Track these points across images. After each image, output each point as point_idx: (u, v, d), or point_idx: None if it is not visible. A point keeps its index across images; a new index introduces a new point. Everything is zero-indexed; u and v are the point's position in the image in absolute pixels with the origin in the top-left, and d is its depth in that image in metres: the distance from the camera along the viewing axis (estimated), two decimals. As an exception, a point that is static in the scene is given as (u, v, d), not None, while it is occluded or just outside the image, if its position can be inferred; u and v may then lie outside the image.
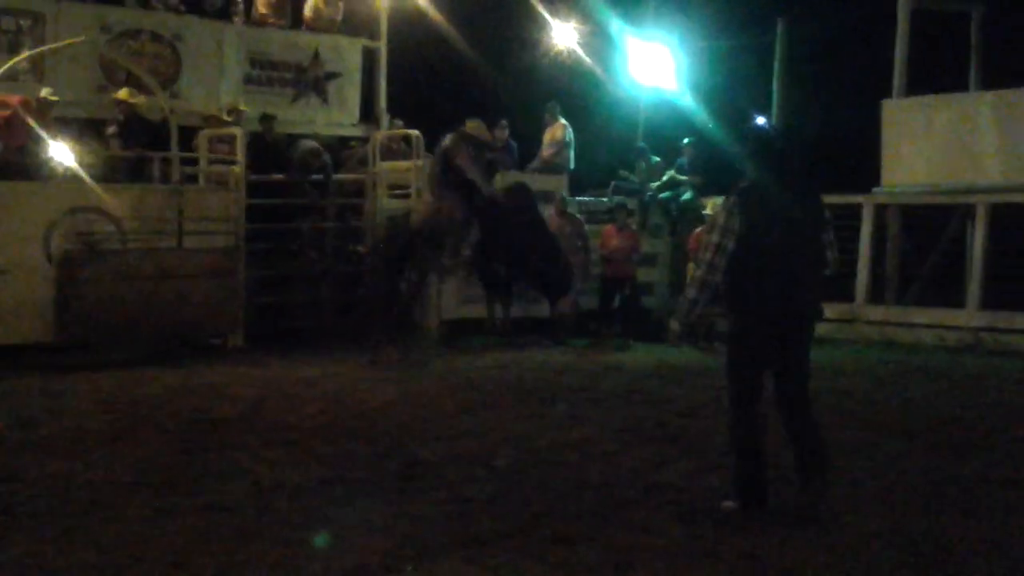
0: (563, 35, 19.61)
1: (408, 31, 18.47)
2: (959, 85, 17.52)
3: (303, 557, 5.42)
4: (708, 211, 15.98)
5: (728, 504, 6.23)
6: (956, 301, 15.59)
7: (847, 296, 16.10)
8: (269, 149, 15.44)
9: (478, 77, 21.03)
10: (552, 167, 17.59)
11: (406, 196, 15.78)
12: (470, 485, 6.93)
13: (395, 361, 12.87)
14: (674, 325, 6.38)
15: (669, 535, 5.83)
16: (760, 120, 21.12)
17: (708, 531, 5.89)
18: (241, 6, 16.40)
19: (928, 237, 17.16)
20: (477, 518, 6.13)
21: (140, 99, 14.46)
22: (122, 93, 14.37)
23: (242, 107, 15.42)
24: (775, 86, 19.08)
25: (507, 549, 5.55)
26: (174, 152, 14.07)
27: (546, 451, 8.04)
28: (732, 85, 20.39)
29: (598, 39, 19.65)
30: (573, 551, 5.53)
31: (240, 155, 14.39)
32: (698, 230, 15.60)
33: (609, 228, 16.36)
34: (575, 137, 18.08)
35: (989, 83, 17.01)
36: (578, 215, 16.55)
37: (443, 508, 6.34)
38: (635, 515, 6.24)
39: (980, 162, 15.91)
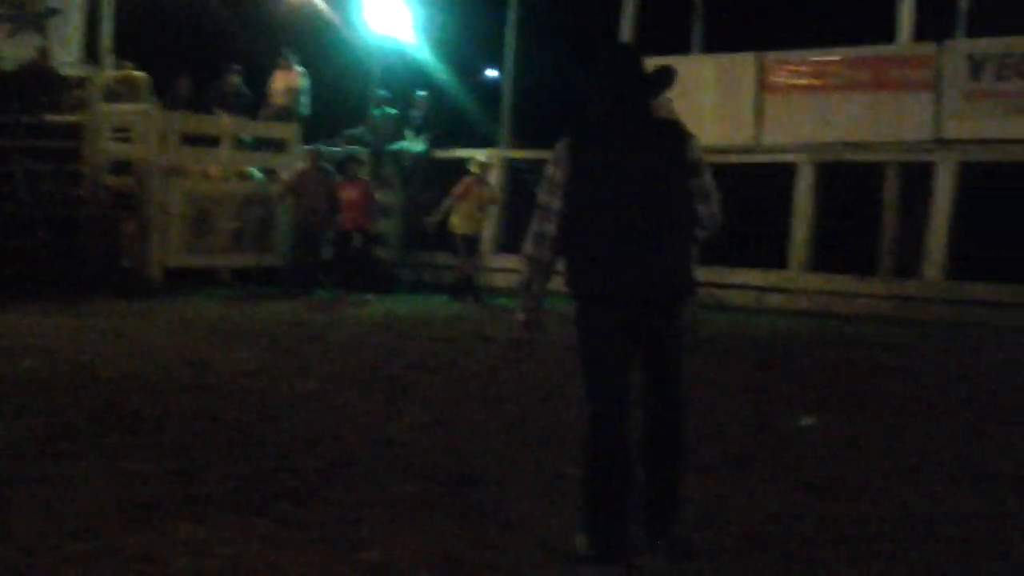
0: (298, -20, 19.24)
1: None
2: (683, 48, 18.04)
3: (20, 520, 5.15)
4: (475, 168, 15.99)
5: (578, 542, 4.73)
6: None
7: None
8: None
9: (211, 21, 20.38)
10: (286, 114, 17.28)
11: (129, 141, 15.23)
12: (195, 441, 6.74)
13: (115, 311, 12.42)
14: (518, 316, 4.88)
15: (398, 490, 5.80)
16: (490, 71, 21.31)
17: (438, 486, 5.90)
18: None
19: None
20: (202, 475, 5.95)
21: None
22: None
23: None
24: (507, 39, 19.18)
25: (233, 507, 5.41)
26: None
27: (275, 405, 7.91)
28: (466, 36, 20.41)
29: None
30: (301, 508, 5.43)
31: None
32: (467, 179, 15.67)
33: (340, 180, 16.24)
34: (310, 85, 17.84)
35: (710, 47, 17.58)
36: (329, 168, 16.40)
37: (166, 465, 6.13)
38: (365, 471, 6.17)
39: (700, 125, 16.42)
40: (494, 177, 17.59)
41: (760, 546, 5.02)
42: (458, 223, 15.75)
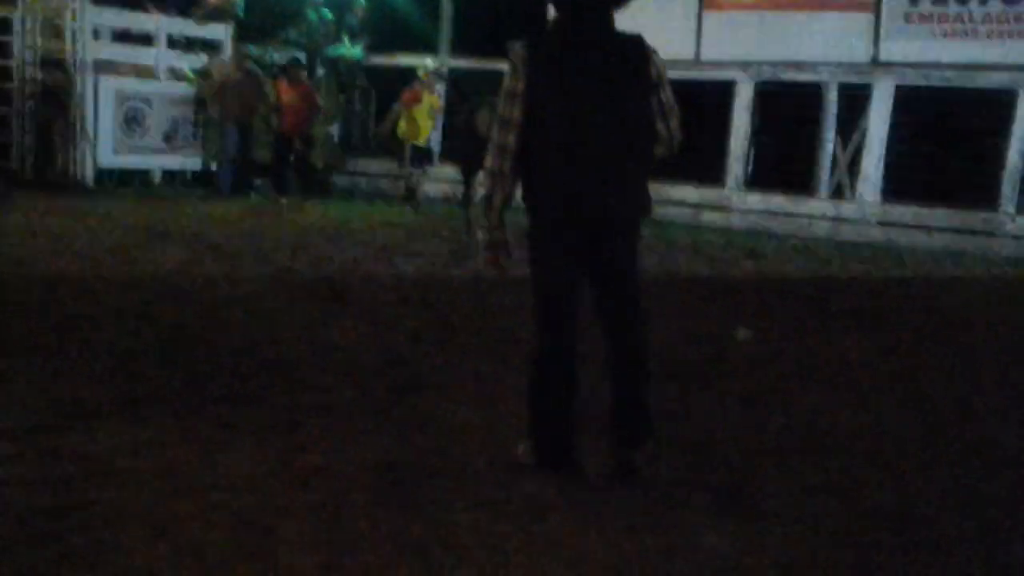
0: None
1: None
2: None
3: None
4: (423, 75, 15.71)
5: (521, 450, 4.78)
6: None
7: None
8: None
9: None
10: (220, 15, 16.92)
11: (60, 37, 14.86)
12: (130, 341, 6.66)
13: (46, 209, 12.20)
14: (480, 235, 4.76)
15: (338, 395, 5.78)
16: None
17: (378, 391, 5.89)
18: None
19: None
20: (141, 377, 5.88)
21: None
22: None
23: None
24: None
25: (173, 409, 5.35)
26: None
27: (212, 306, 7.83)
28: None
29: None
30: (239, 410, 5.38)
31: None
32: (416, 86, 15.38)
33: (283, 83, 15.93)
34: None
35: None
36: (257, 69, 16.09)
37: (102, 365, 6.06)
38: (303, 375, 6.13)
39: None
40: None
41: (703, 458, 5.08)
42: (406, 131, 15.46)
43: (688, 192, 15.67)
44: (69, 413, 5.19)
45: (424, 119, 15.47)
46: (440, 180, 16.28)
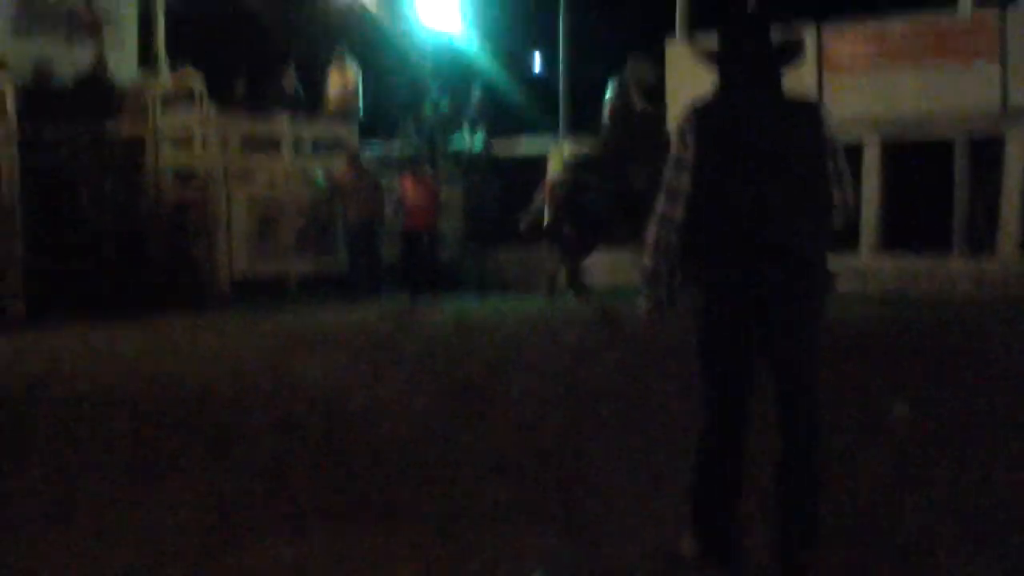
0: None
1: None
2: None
3: (114, 546, 5.11)
4: (555, 168, 15.69)
5: (685, 545, 4.55)
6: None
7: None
8: (47, 100, 14.65)
9: (262, 20, 20.38)
10: (342, 114, 17.24)
11: (190, 148, 15.29)
12: (282, 454, 6.70)
13: (186, 324, 12.45)
14: (641, 304, 4.49)
15: (492, 499, 5.72)
16: (536, 65, 21.17)
17: (532, 494, 5.80)
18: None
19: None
20: (297, 491, 5.90)
21: None
22: None
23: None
24: (561, 26, 19.06)
25: (330, 523, 5.36)
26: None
27: (356, 414, 7.85)
28: (517, 25, 20.31)
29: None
30: (395, 520, 5.36)
31: (10, 108, 13.61)
32: (549, 177, 15.33)
33: (406, 179, 16.05)
34: (363, 83, 17.81)
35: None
36: (366, 167, 16.27)
37: (256, 480, 6.09)
38: (455, 478, 6.09)
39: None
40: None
41: (870, 542, 4.89)
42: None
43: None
44: (230, 532, 5.22)
45: None
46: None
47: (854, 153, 15.36)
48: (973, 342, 10.80)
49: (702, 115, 4.34)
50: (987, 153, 14.75)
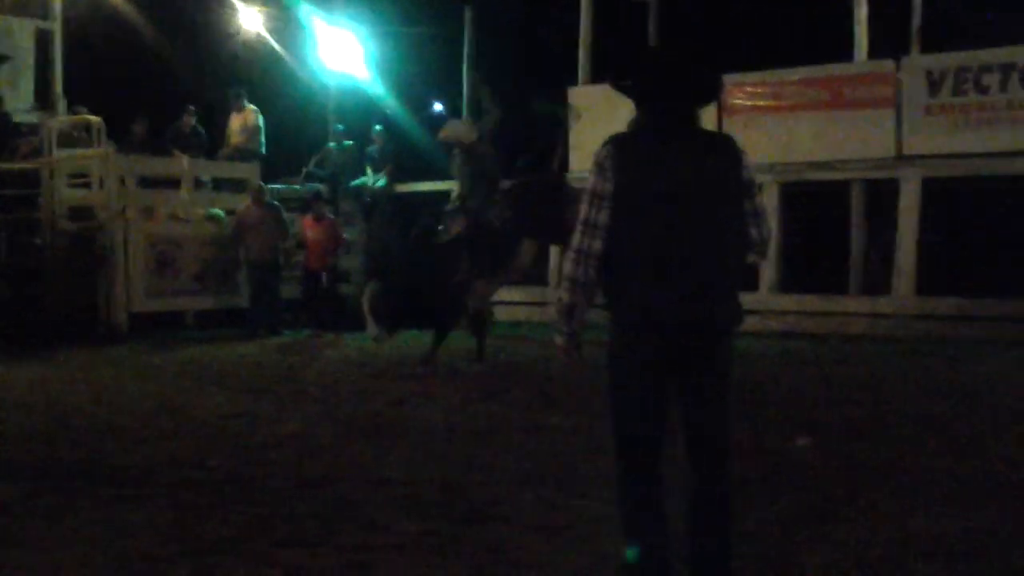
0: (250, 19, 19.16)
1: (86, 13, 17.57)
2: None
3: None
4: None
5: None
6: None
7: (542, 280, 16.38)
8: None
9: (162, 61, 20.22)
10: (244, 154, 17.13)
11: (87, 186, 15.05)
12: (187, 489, 6.57)
13: (84, 360, 12.20)
14: (558, 340, 4.42)
15: (403, 531, 5.65)
16: (437, 106, 21.29)
17: (443, 525, 5.76)
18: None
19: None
20: (200, 525, 5.78)
21: None
22: None
23: None
24: (465, 73, 19.20)
25: (237, 557, 5.25)
26: None
27: (261, 448, 7.74)
28: (421, 72, 20.40)
29: (285, 23, 19.28)
30: (307, 553, 5.29)
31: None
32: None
33: (307, 219, 16.04)
34: (265, 123, 17.72)
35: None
36: (275, 203, 16.15)
37: (162, 516, 5.96)
38: (363, 512, 6.01)
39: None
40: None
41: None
42: None
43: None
44: (133, 566, 5.09)
45: None
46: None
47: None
48: (870, 374, 10.98)
49: (622, 149, 4.25)
50: (883, 198, 15.08)
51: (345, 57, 19.23)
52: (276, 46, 19.38)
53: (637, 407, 4.28)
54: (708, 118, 15.59)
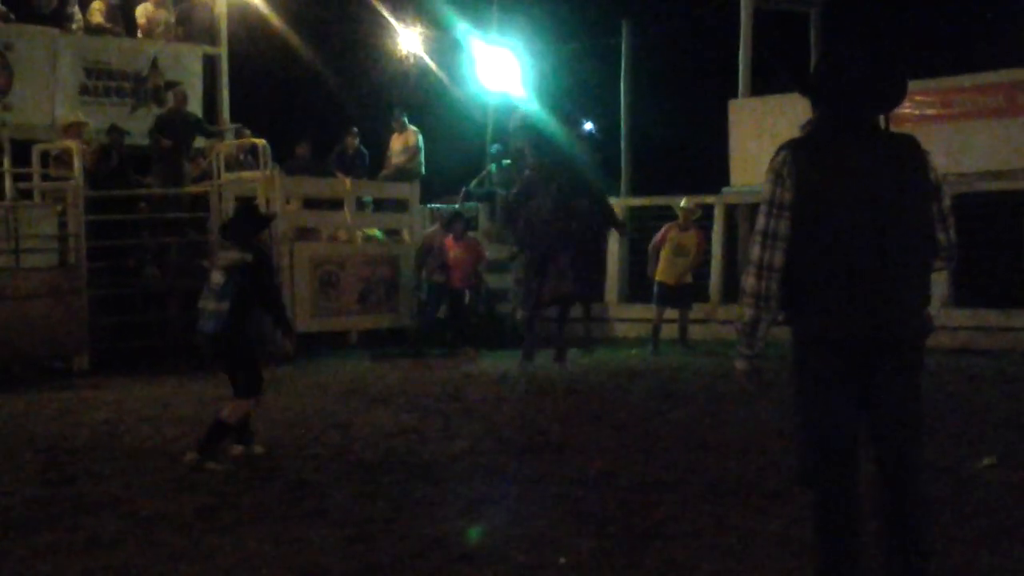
0: (409, 41, 19.38)
1: (250, 38, 17.98)
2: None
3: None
4: (682, 214, 15.39)
5: None
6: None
7: (702, 296, 16.14)
8: (117, 163, 14.80)
9: (324, 84, 20.58)
10: (404, 174, 17.26)
11: (254, 208, 15.33)
12: (360, 505, 6.57)
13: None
14: (739, 364, 4.24)
15: (583, 548, 5.53)
16: (587, 125, 21.27)
17: (622, 542, 5.63)
18: (78, 14, 15.67)
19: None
20: (375, 541, 5.77)
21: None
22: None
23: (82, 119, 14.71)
24: (622, 88, 19.11)
25: (414, 574, 5.23)
26: (7, 167, 13.43)
27: (432, 466, 7.70)
28: (578, 88, 20.38)
29: (444, 44, 19.46)
30: (479, 571, 5.24)
31: (78, 170, 13.73)
32: (664, 227, 15.13)
33: (448, 238, 15.90)
34: (424, 143, 17.85)
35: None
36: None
37: (337, 532, 5.97)
38: (541, 528, 5.92)
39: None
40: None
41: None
42: (654, 270, 15.02)
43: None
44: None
45: (674, 257, 15.03)
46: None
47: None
48: None
49: (802, 155, 4.04)
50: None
51: (502, 76, 19.30)
52: (434, 67, 19.54)
53: (830, 422, 4.07)
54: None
